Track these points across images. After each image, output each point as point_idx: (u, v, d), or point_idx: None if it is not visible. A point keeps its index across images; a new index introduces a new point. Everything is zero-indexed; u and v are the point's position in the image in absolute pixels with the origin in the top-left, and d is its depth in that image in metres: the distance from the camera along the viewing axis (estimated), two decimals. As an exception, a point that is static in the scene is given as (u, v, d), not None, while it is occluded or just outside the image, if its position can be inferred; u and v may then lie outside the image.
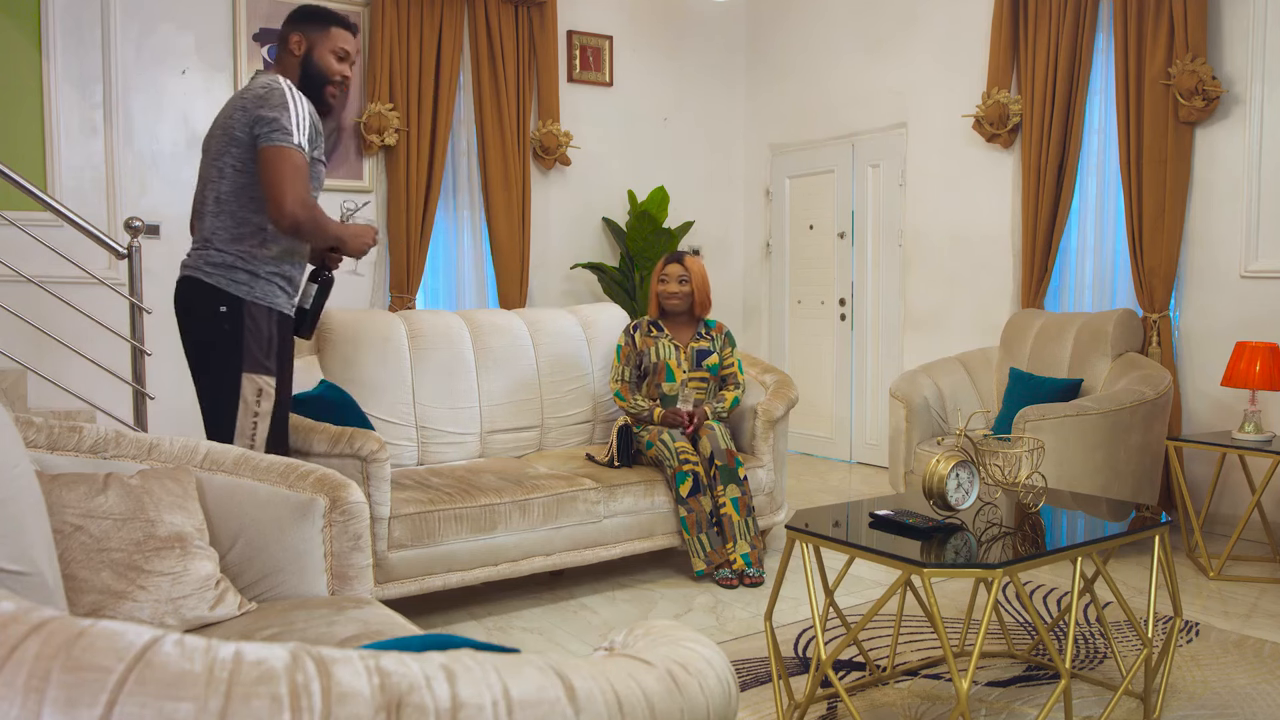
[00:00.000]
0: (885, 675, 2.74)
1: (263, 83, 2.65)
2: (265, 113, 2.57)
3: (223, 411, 2.64)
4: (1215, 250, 4.38)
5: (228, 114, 2.66)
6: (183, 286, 2.69)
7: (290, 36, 2.76)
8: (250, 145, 2.61)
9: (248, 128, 2.60)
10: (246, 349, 2.63)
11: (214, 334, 2.63)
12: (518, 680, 0.80)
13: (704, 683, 0.94)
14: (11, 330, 4.16)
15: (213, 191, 2.66)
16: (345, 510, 2.11)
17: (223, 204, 2.65)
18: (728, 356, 4.07)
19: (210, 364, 2.66)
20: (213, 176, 2.66)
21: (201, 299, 2.63)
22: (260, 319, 2.66)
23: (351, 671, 0.73)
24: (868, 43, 5.95)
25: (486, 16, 5.58)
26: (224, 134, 2.64)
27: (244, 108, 2.61)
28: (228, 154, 2.63)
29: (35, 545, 1.51)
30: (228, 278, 2.63)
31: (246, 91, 2.66)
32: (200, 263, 2.65)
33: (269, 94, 2.60)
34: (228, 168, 2.64)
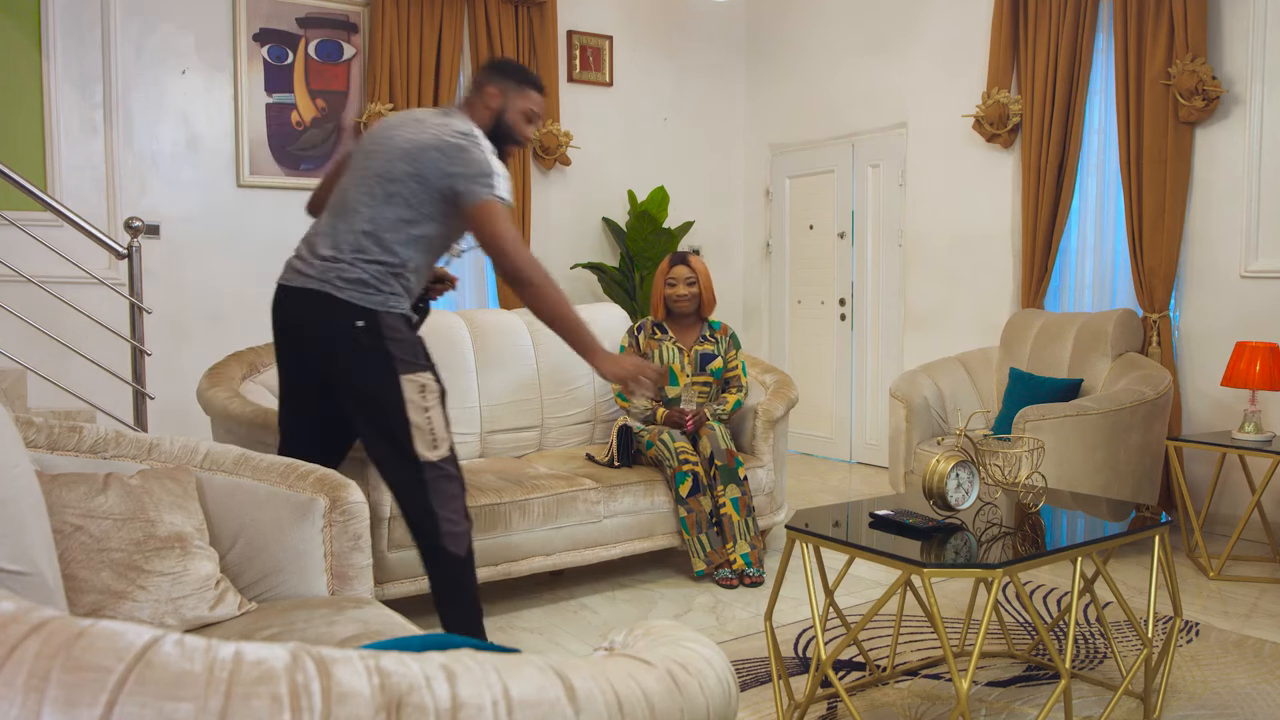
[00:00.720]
0: (885, 675, 2.74)
1: (463, 129, 2.60)
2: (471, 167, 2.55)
3: (393, 419, 2.55)
4: (1215, 250, 4.38)
5: (417, 145, 2.57)
6: (308, 299, 2.58)
7: (488, 86, 2.75)
8: (437, 191, 2.56)
9: (444, 176, 2.55)
10: (395, 355, 2.56)
11: (356, 350, 2.55)
12: (518, 680, 0.80)
13: (704, 683, 0.94)
14: (11, 330, 4.16)
15: (368, 209, 2.57)
16: (345, 510, 2.11)
17: (379, 227, 2.57)
18: (732, 359, 4.07)
19: (368, 379, 2.57)
20: (376, 194, 2.58)
21: (336, 315, 2.54)
22: (396, 324, 2.59)
23: (351, 671, 0.73)
24: (868, 43, 5.95)
25: (486, 16, 5.58)
26: (407, 163, 2.57)
27: (441, 150, 2.55)
28: (405, 185, 2.56)
29: (35, 545, 1.51)
30: (360, 292, 2.55)
31: (444, 130, 2.59)
32: (332, 277, 2.55)
33: (472, 146, 2.57)
34: (397, 197, 2.56)
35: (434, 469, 2.55)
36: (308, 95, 5.26)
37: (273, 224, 5.14)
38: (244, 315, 5.00)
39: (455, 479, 2.61)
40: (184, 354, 4.72)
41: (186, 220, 4.98)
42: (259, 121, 5.15)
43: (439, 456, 2.57)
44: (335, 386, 2.62)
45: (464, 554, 2.61)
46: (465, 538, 2.62)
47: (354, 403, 2.61)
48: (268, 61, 5.16)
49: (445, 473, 2.58)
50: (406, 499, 2.59)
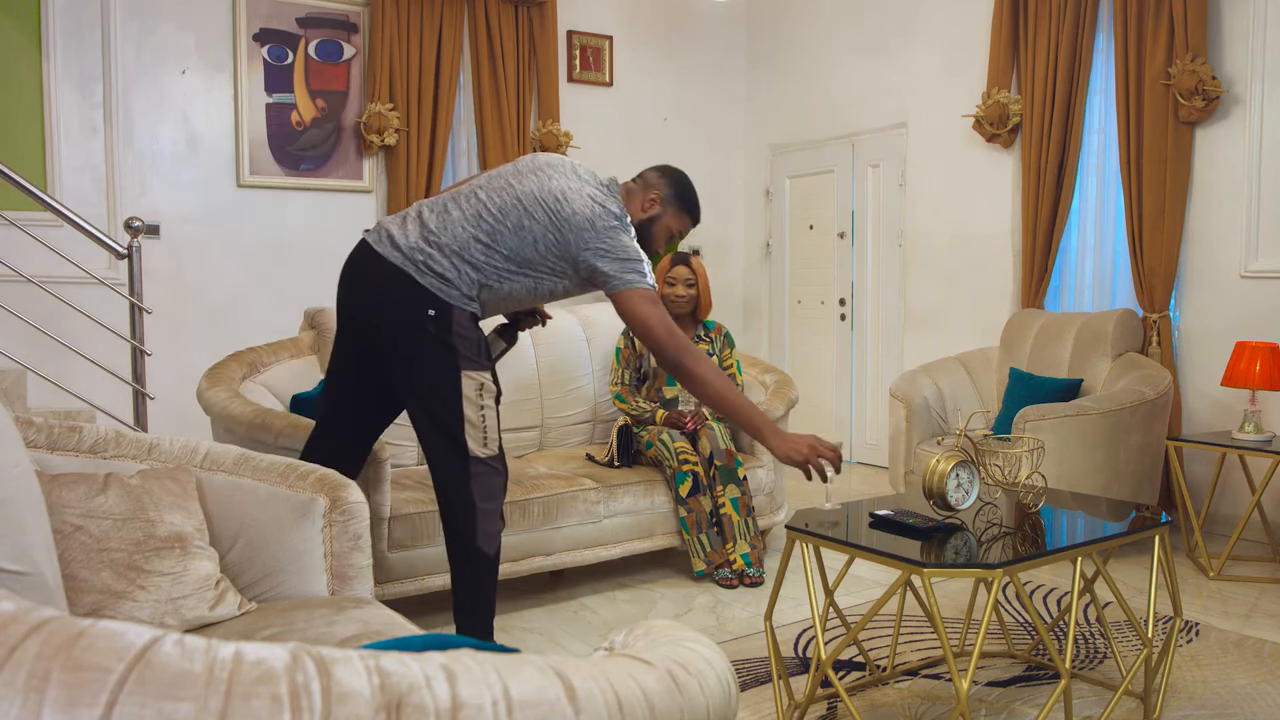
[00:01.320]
0: (885, 675, 2.74)
1: (619, 210, 2.63)
2: (621, 252, 2.58)
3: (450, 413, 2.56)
4: (1215, 250, 4.38)
5: (563, 195, 2.57)
6: (387, 272, 2.54)
7: (657, 192, 2.80)
8: (572, 258, 2.58)
9: (586, 248, 2.56)
10: (459, 350, 2.56)
11: (423, 338, 2.54)
12: (518, 680, 0.80)
13: (704, 683, 0.94)
14: (11, 330, 4.16)
15: (491, 224, 2.56)
16: (345, 510, 2.11)
17: (493, 246, 2.56)
18: (727, 358, 4.07)
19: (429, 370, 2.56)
20: (508, 216, 2.56)
21: (411, 299, 2.53)
22: (465, 322, 2.59)
23: (351, 671, 0.73)
24: (868, 43, 5.95)
25: (486, 16, 5.58)
26: (543, 207, 2.56)
27: (593, 225, 2.56)
28: (540, 234, 2.56)
29: (35, 545, 1.51)
30: (440, 284, 2.54)
31: (594, 196, 2.60)
32: (420, 260, 2.53)
33: (624, 230, 2.61)
34: (528, 235, 2.56)
35: (481, 464, 2.58)
36: (308, 95, 5.26)
37: (273, 224, 5.14)
38: (244, 315, 5.01)
39: (500, 475, 2.63)
40: (184, 354, 4.72)
41: (186, 220, 4.98)
42: (259, 121, 5.15)
43: (488, 454, 2.59)
44: (387, 366, 2.61)
45: (493, 554, 2.64)
46: (497, 539, 2.64)
47: (412, 390, 2.60)
48: (268, 61, 5.16)
49: (492, 468, 2.61)
50: (450, 490, 2.60)
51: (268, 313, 4.95)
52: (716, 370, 2.66)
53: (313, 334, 3.82)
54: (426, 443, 2.62)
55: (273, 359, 3.60)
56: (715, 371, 2.65)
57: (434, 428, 2.59)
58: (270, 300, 5.04)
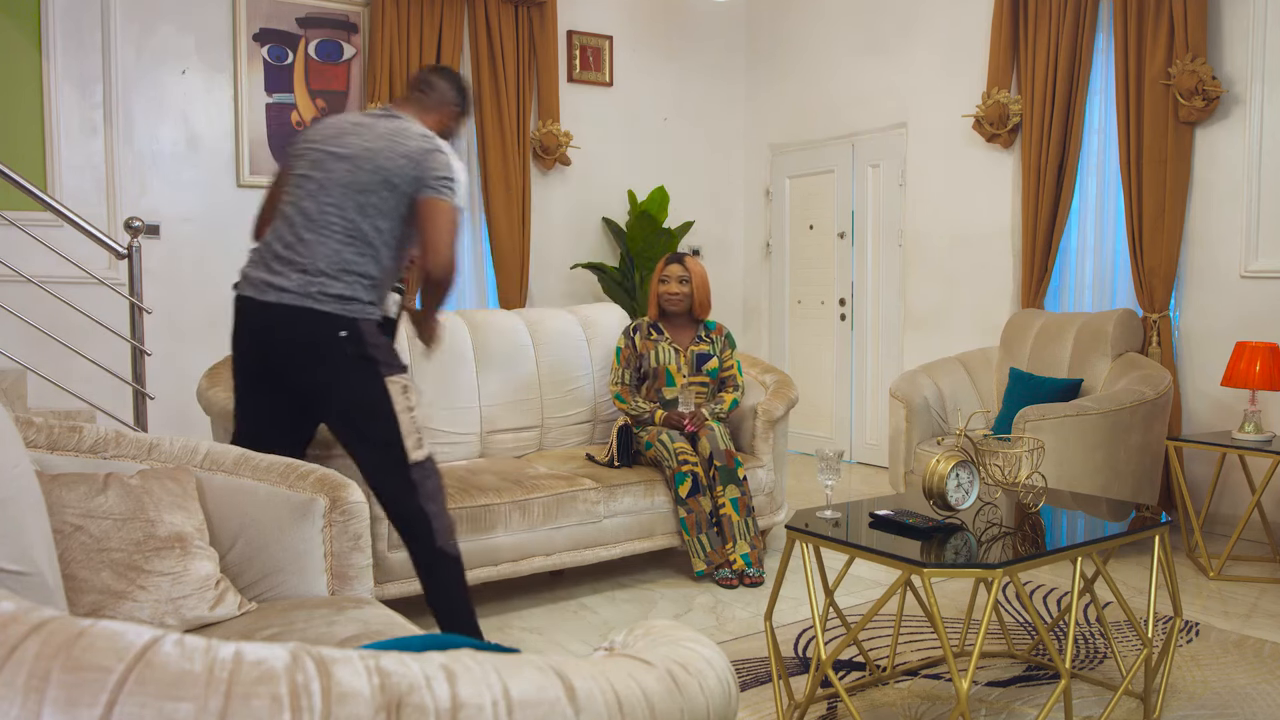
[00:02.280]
0: (885, 675, 2.74)
1: (423, 133, 2.69)
2: (438, 170, 2.64)
3: (382, 424, 2.60)
4: (1215, 250, 4.38)
5: (381, 153, 2.62)
6: (288, 315, 2.58)
7: (451, 104, 2.86)
8: (407, 195, 2.63)
9: (413, 181, 2.62)
10: (378, 360, 2.62)
11: (341, 360, 2.59)
12: (518, 680, 0.80)
13: (704, 683, 0.94)
14: (11, 330, 4.16)
15: (344, 221, 2.60)
16: (345, 510, 2.11)
17: (356, 238, 2.61)
18: (727, 359, 4.07)
19: (354, 387, 2.61)
20: (348, 207, 2.61)
21: (321, 329, 2.57)
22: (374, 330, 2.65)
23: (351, 671, 0.73)
24: (868, 43, 5.95)
25: (486, 16, 5.58)
26: (376, 172, 2.61)
27: (410, 158, 2.62)
28: (377, 194, 2.61)
29: (35, 545, 1.51)
30: (341, 306, 2.59)
31: (404, 137, 2.65)
32: (314, 292, 2.57)
33: (436, 152, 2.66)
34: (371, 206, 2.61)
35: (420, 469, 2.63)
36: (308, 95, 5.26)
37: (273, 224, 5.13)
38: (244, 315, 4.99)
39: (437, 474, 2.69)
40: (184, 354, 4.72)
41: (186, 220, 4.98)
42: (259, 121, 5.15)
43: (424, 456, 2.65)
44: (313, 400, 2.67)
45: (456, 552, 2.68)
46: (454, 534, 2.69)
47: (339, 414, 2.65)
48: (268, 62, 5.16)
49: (429, 470, 2.66)
50: (398, 503, 2.63)
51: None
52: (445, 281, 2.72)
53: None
54: (363, 460, 2.64)
55: (273, 359, 3.59)
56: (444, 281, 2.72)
57: (368, 445, 2.63)
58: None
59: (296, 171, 2.69)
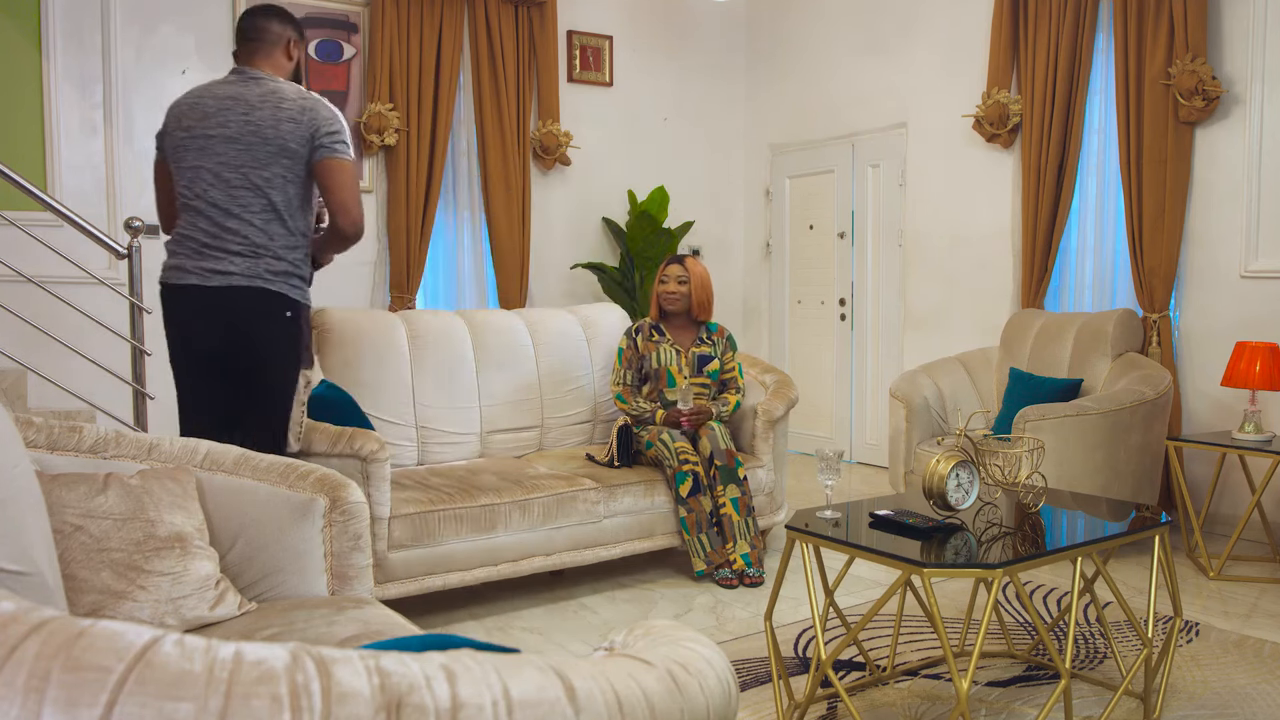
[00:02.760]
0: (885, 675, 2.74)
1: (297, 92, 2.69)
2: (326, 126, 2.66)
3: (280, 410, 2.70)
4: (1215, 250, 4.38)
5: (264, 122, 2.63)
6: (239, 296, 2.62)
7: (288, 40, 2.81)
8: (304, 157, 2.65)
9: (305, 141, 2.64)
10: (305, 349, 2.72)
11: (280, 339, 2.66)
12: (518, 680, 0.80)
13: (704, 683, 0.94)
14: (11, 330, 4.15)
15: (258, 200, 2.64)
16: (345, 510, 2.11)
17: (277, 212, 2.66)
18: (729, 361, 4.07)
19: (281, 370, 2.69)
20: (256, 184, 2.64)
21: (269, 306, 2.64)
22: (308, 320, 2.77)
23: (351, 671, 0.73)
24: (868, 43, 5.95)
25: (486, 16, 5.57)
26: (267, 144, 2.63)
27: (294, 119, 2.63)
28: (277, 164, 2.64)
29: (35, 545, 1.51)
30: (287, 284, 2.66)
31: (280, 100, 2.65)
32: (261, 270, 2.63)
33: (318, 106, 2.67)
34: (277, 178, 2.65)
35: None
36: (308, 95, 5.26)
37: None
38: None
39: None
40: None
41: (186, 220, 4.97)
42: (259, 121, 5.14)
43: (299, 449, 2.80)
44: (236, 373, 2.69)
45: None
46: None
47: (249, 389, 2.69)
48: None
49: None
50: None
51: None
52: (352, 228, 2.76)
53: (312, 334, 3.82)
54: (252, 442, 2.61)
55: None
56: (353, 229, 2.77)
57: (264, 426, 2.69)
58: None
59: (185, 164, 2.71)
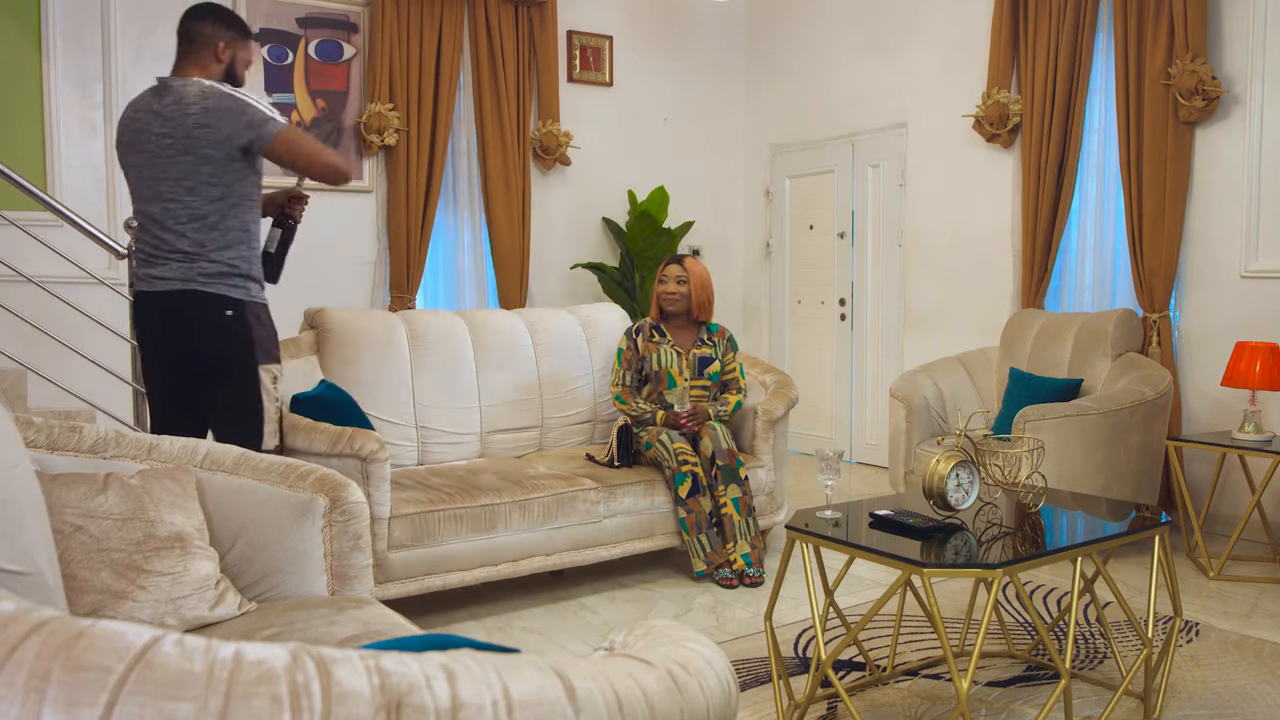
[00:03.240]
0: (885, 675, 2.74)
1: (201, 91, 2.69)
2: (235, 121, 2.65)
3: (249, 407, 2.74)
4: (1215, 250, 4.38)
5: (175, 133, 2.67)
6: (178, 300, 2.71)
7: (219, 41, 2.80)
8: (222, 160, 2.67)
9: (220, 142, 2.65)
10: (259, 344, 2.76)
11: (226, 339, 2.71)
12: (518, 680, 0.80)
13: (704, 683, 0.94)
14: (11, 330, 4.15)
15: (185, 210, 2.69)
16: (345, 510, 2.11)
17: (203, 218, 2.70)
18: (729, 361, 4.07)
19: (230, 368, 2.73)
20: (180, 194, 2.69)
21: (206, 309, 2.70)
22: (261, 315, 2.80)
23: (351, 671, 0.73)
24: (868, 43, 5.95)
25: (486, 16, 5.57)
26: (182, 153, 2.67)
27: (202, 124, 2.65)
28: (197, 173, 2.68)
29: (35, 545, 1.51)
30: (226, 284, 2.72)
31: (187, 107, 2.67)
32: (194, 275, 2.70)
33: (220, 101, 2.67)
34: (200, 185, 2.69)
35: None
36: (308, 95, 5.26)
37: (273, 224, 5.13)
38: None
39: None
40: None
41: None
42: (259, 121, 5.14)
43: (273, 446, 2.82)
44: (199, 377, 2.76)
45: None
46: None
47: (215, 389, 2.75)
48: (267, 61, 5.15)
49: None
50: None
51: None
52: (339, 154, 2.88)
53: (312, 334, 3.82)
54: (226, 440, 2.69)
55: (273, 359, 3.59)
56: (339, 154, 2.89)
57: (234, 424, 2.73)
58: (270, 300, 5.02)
59: (128, 179, 2.81)
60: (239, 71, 2.86)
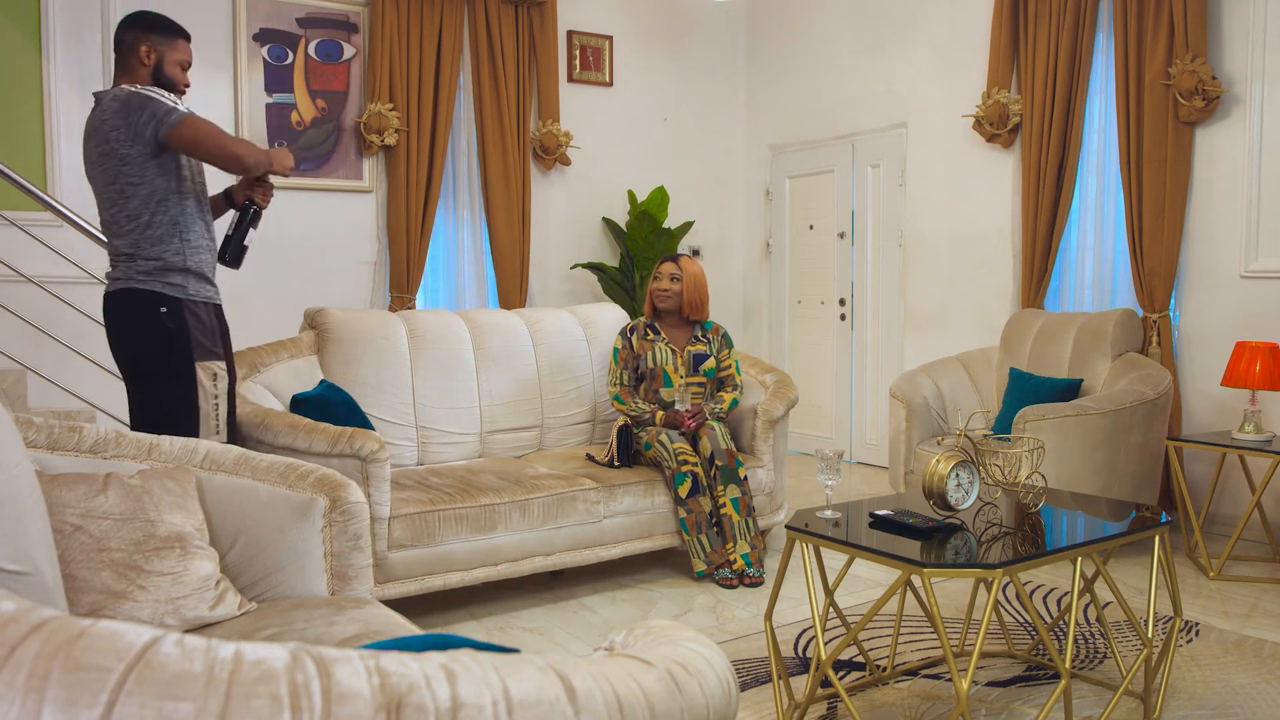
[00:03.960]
0: (885, 675, 2.74)
1: (112, 96, 2.75)
2: (139, 116, 2.69)
3: (185, 404, 2.76)
4: (1215, 250, 4.38)
5: (100, 141, 2.74)
6: (117, 299, 2.78)
7: (140, 46, 2.83)
8: (140, 158, 2.71)
9: (131, 142, 2.70)
10: (195, 342, 2.78)
11: (160, 335, 2.75)
12: (518, 680, 0.80)
13: (704, 683, 0.94)
14: (11, 330, 4.16)
15: (121, 210, 2.76)
16: (345, 510, 2.11)
17: (136, 217, 2.76)
18: (725, 358, 4.07)
19: (166, 364, 2.76)
20: (114, 197, 2.77)
21: (140, 305, 2.74)
22: (200, 313, 2.82)
23: (351, 671, 0.73)
24: (867, 42, 5.95)
25: (486, 16, 5.58)
26: (108, 158, 2.73)
27: (116, 127, 2.70)
28: (121, 175, 2.73)
29: (35, 545, 1.51)
30: (162, 280, 2.76)
31: (103, 114, 2.73)
32: (131, 273, 2.76)
33: (126, 101, 2.71)
34: (127, 185, 2.74)
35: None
36: (308, 95, 5.26)
37: (273, 224, 5.13)
38: (244, 315, 4.99)
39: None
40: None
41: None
42: (259, 121, 5.14)
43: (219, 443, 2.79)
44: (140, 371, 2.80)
45: None
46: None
47: (149, 385, 2.78)
48: (267, 61, 5.15)
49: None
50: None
51: (267, 313, 4.94)
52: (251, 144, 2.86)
53: (312, 334, 3.82)
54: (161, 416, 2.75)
55: (273, 359, 3.60)
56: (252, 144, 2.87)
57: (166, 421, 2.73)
58: (270, 300, 5.03)
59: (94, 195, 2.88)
60: (169, 72, 2.86)
